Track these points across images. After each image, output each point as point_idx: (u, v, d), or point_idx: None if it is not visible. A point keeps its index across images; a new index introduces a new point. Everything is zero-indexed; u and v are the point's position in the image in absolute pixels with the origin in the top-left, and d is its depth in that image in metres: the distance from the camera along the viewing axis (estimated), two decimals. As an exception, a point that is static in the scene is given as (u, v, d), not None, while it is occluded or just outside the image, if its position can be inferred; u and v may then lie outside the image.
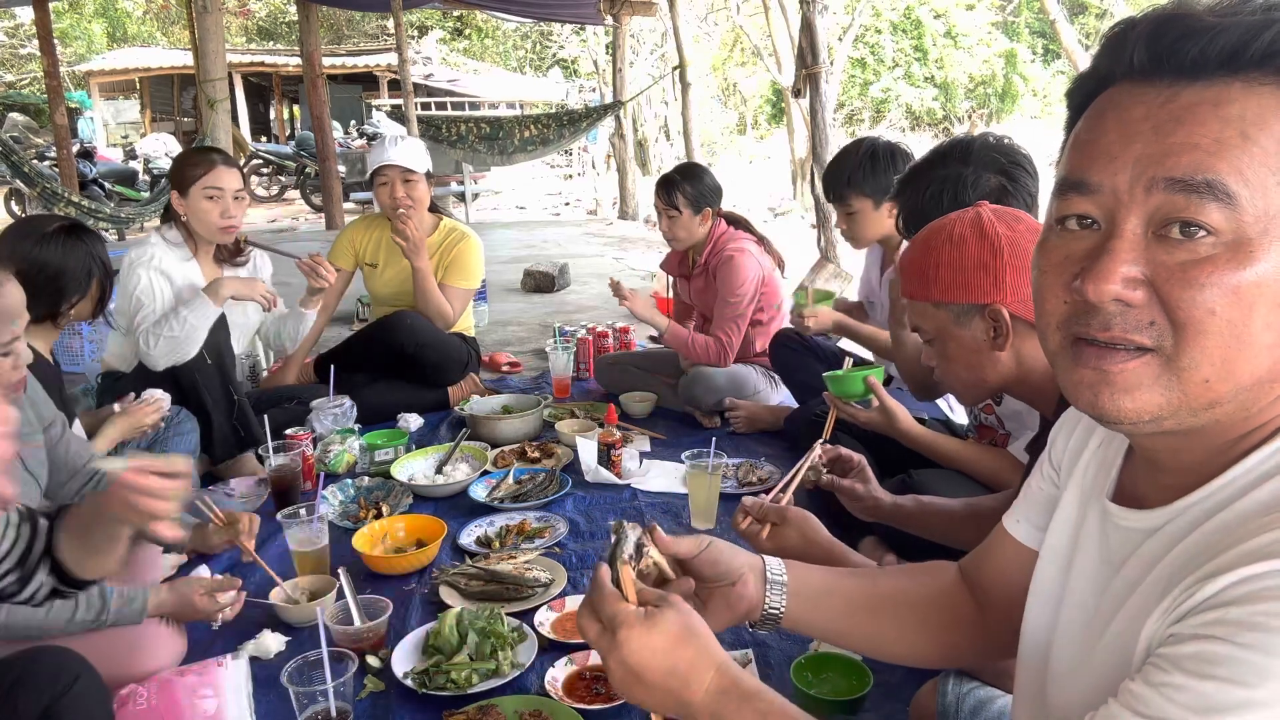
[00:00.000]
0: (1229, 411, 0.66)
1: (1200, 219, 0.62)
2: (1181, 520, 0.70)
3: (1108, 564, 0.78)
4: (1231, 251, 0.62)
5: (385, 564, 2.15)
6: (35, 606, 1.53)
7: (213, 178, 2.77)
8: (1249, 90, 0.62)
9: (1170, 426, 0.68)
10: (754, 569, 1.04)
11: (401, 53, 8.05)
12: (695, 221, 3.23)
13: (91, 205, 7.70)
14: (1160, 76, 0.65)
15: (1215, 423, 0.67)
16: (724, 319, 3.19)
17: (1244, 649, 0.56)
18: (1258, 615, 0.57)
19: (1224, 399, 0.65)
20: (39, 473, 1.75)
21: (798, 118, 9.43)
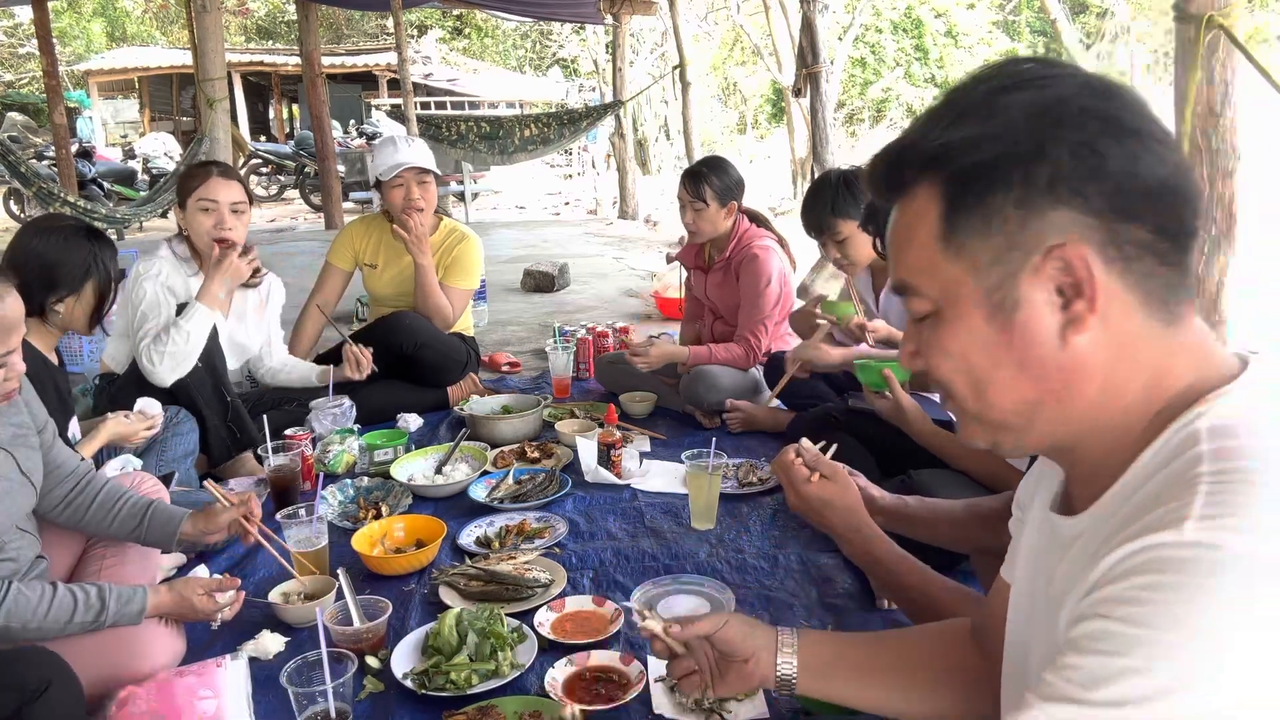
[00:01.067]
0: (1055, 428, 0.78)
1: (913, 310, 0.81)
2: (1095, 523, 0.77)
3: (1055, 573, 0.82)
4: (933, 323, 0.79)
5: (385, 564, 2.15)
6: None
7: (207, 189, 2.76)
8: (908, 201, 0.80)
9: (1015, 447, 0.81)
10: (766, 647, 1.13)
11: (401, 52, 8.04)
12: (721, 215, 3.22)
13: (89, 205, 7.70)
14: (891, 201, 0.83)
15: (1071, 437, 0.78)
16: (751, 320, 3.19)
17: (1119, 622, 0.64)
18: (1130, 589, 0.64)
19: (1009, 423, 0.79)
20: (34, 475, 1.75)
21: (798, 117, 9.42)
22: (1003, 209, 0.73)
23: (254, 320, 3.06)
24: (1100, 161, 0.71)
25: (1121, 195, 0.71)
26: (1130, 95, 0.74)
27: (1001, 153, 0.73)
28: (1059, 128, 0.71)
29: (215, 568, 2.22)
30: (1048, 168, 0.71)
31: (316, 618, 1.58)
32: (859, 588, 2.06)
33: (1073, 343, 0.73)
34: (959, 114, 0.75)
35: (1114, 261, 0.72)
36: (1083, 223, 0.71)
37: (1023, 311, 0.74)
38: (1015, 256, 0.73)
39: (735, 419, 3.10)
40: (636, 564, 2.19)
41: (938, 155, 0.76)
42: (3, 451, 1.67)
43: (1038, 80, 0.74)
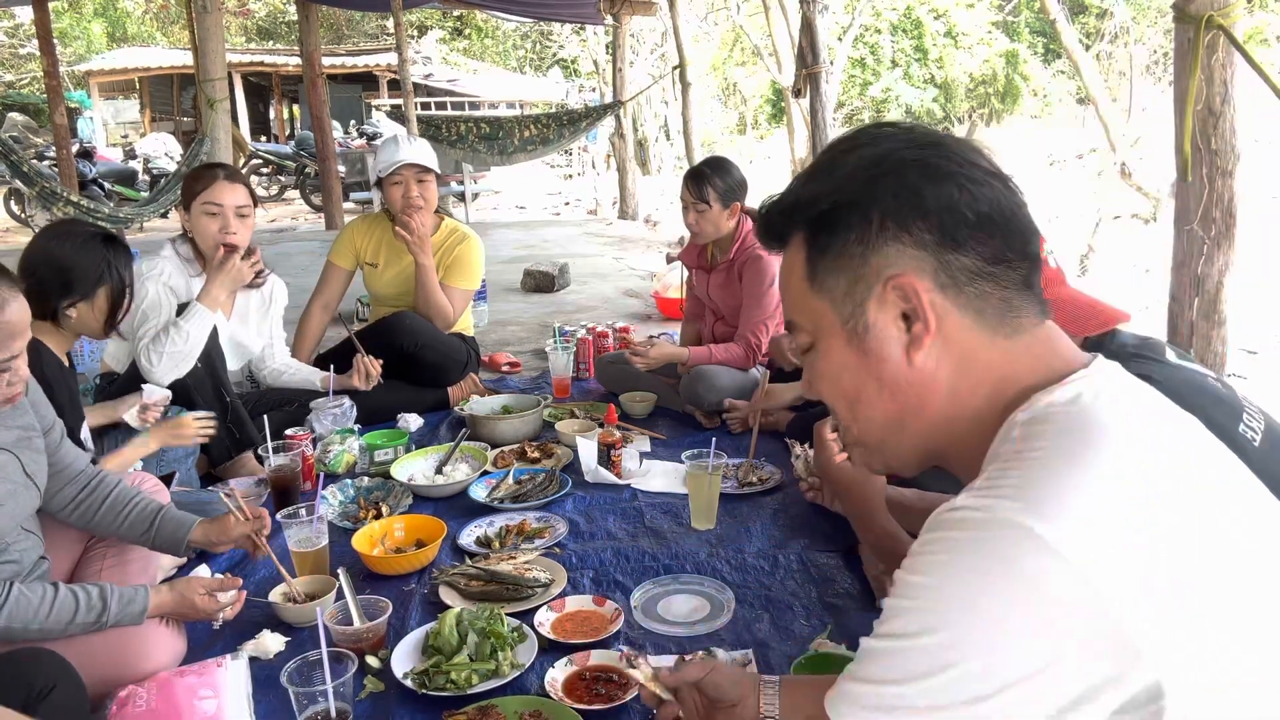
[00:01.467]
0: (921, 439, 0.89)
1: (798, 344, 0.94)
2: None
3: None
4: (813, 354, 0.93)
5: (385, 564, 2.15)
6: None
7: (212, 193, 2.76)
8: (786, 250, 0.93)
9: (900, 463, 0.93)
10: (751, 692, 1.18)
11: (401, 52, 8.04)
12: (724, 216, 3.22)
13: (90, 205, 7.68)
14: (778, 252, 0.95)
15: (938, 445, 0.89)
16: (752, 320, 3.19)
17: (903, 571, 0.78)
18: (914, 547, 0.78)
19: (884, 438, 0.91)
20: (38, 477, 1.75)
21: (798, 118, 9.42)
22: (848, 248, 0.85)
23: (256, 321, 3.07)
24: (919, 201, 0.82)
25: (944, 229, 0.82)
26: (954, 145, 0.86)
27: (842, 201, 0.86)
28: (884, 176, 0.84)
29: (216, 567, 2.22)
30: (877, 210, 0.84)
31: (317, 618, 1.58)
32: (859, 588, 2.06)
33: (916, 360, 0.85)
34: (814, 173, 0.90)
35: (947, 287, 0.83)
36: (913, 254, 0.83)
37: (873, 335, 0.86)
38: (862, 288, 0.85)
39: (735, 419, 3.10)
40: (636, 564, 2.20)
41: (796, 208, 0.90)
42: (7, 453, 1.67)
43: (872, 140, 0.88)
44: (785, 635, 1.87)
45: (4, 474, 1.65)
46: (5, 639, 1.53)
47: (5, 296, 1.51)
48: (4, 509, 1.64)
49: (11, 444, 1.69)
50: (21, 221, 10.22)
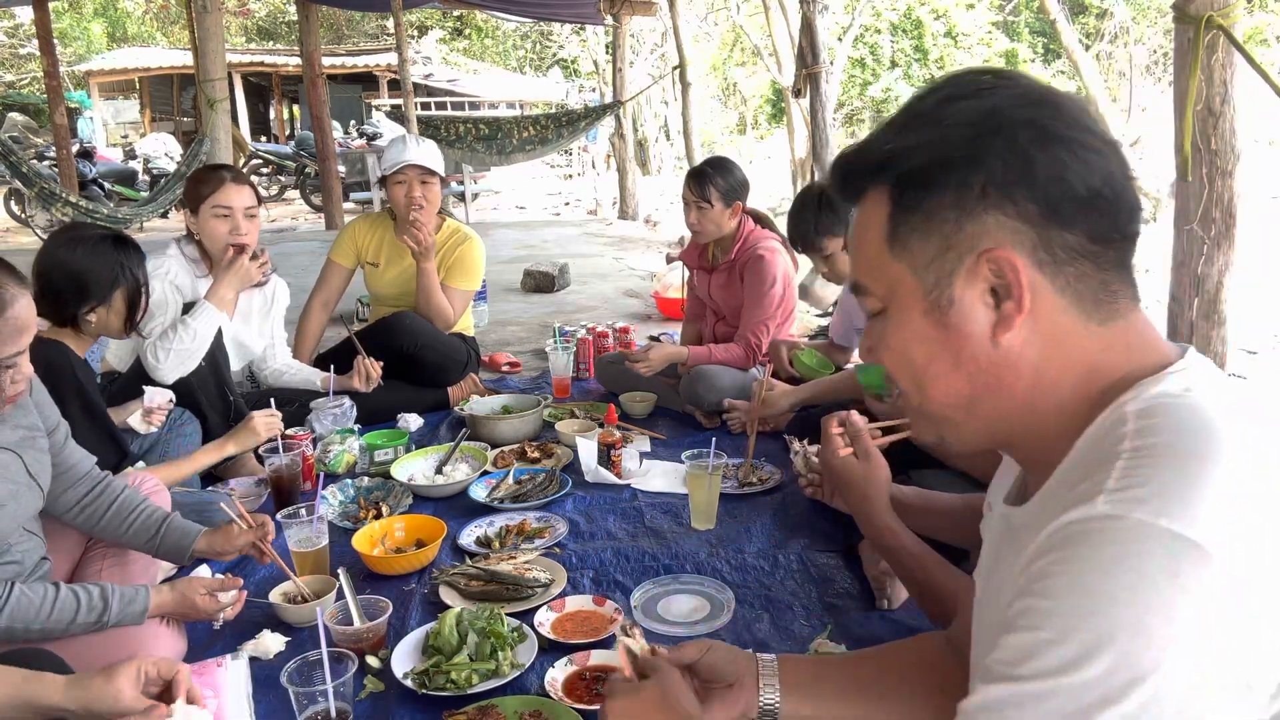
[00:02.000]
0: (992, 421, 0.82)
1: (866, 307, 0.87)
2: (1038, 511, 0.80)
3: (1008, 562, 0.84)
4: (881, 320, 0.85)
5: (385, 564, 2.15)
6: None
7: (221, 196, 2.78)
8: (862, 205, 0.85)
9: (958, 440, 0.85)
10: (749, 671, 1.13)
11: (401, 53, 8.04)
12: (725, 215, 3.22)
13: (90, 205, 7.70)
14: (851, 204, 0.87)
15: (1009, 430, 0.83)
16: (753, 320, 3.19)
17: (1037, 597, 0.68)
18: (1047, 564, 0.68)
19: (949, 415, 0.84)
20: (41, 477, 1.75)
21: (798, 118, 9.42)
22: (941, 212, 0.77)
23: (258, 321, 3.07)
24: (1029, 168, 0.75)
25: (1050, 202, 0.75)
26: (1068, 105, 0.78)
27: (940, 159, 0.77)
28: (992, 136, 0.76)
29: (215, 567, 2.22)
30: (981, 174, 0.76)
31: (317, 618, 1.58)
32: (859, 588, 2.06)
33: (1003, 340, 0.77)
34: (907, 123, 0.81)
35: (1045, 265, 0.76)
36: (1013, 227, 0.75)
37: (957, 310, 0.79)
38: (951, 258, 0.78)
39: (735, 419, 3.10)
40: (636, 564, 2.20)
41: (885, 161, 0.81)
42: (10, 453, 1.67)
43: (980, 91, 0.78)
44: (785, 635, 1.87)
45: (6, 474, 1.65)
46: (6, 639, 1.53)
47: (13, 294, 1.50)
48: (6, 509, 1.64)
49: (14, 444, 1.69)
50: (21, 222, 10.22)
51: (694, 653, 1.15)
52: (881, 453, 2.16)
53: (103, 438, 2.19)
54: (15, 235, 10.37)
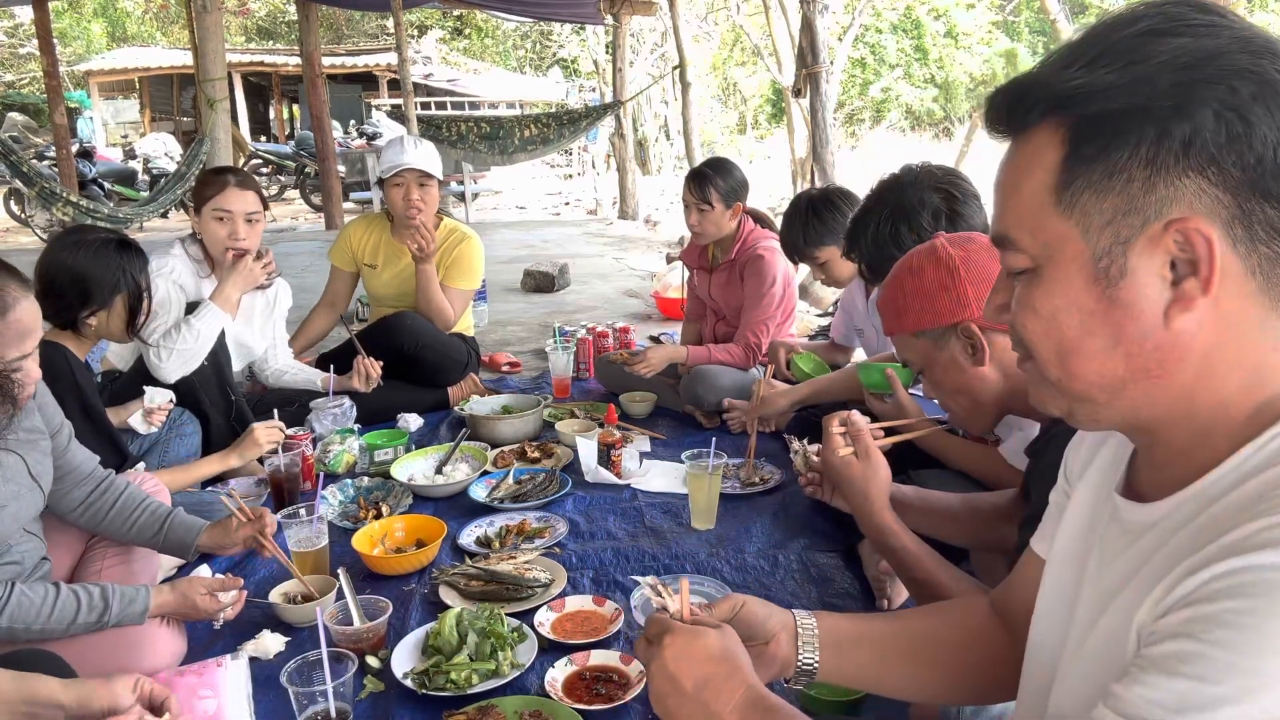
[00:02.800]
0: (1139, 408, 0.73)
1: (1009, 264, 0.76)
2: (1176, 515, 0.72)
3: (1111, 556, 0.79)
4: (1028, 280, 0.75)
5: (385, 564, 2.15)
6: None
7: (222, 199, 2.78)
8: (1024, 142, 0.74)
9: (1090, 420, 0.76)
10: (786, 627, 1.07)
11: (401, 52, 8.04)
12: (725, 216, 3.23)
13: (90, 205, 7.69)
14: (1005, 137, 0.77)
15: (1155, 420, 0.73)
16: (753, 320, 3.20)
17: (1212, 646, 0.59)
18: (1227, 612, 0.59)
19: (1091, 396, 0.74)
20: (43, 479, 1.76)
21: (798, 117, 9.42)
22: (1128, 167, 0.67)
23: (260, 322, 3.07)
24: (1248, 130, 0.64)
25: (1263, 171, 0.64)
26: None
27: (1138, 104, 0.66)
28: (1207, 86, 0.64)
29: (216, 567, 2.22)
30: (1186, 129, 0.64)
31: (317, 618, 1.58)
32: (859, 588, 2.06)
33: (1176, 322, 0.68)
34: (1098, 54, 0.68)
35: (1240, 242, 0.66)
36: (1214, 195, 0.65)
37: (1129, 281, 0.68)
38: (1132, 222, 0.67)
39: (735, 419, 3.10)
40: (636, 564, 2.20)
41: (1067, 97, 0.69)
42: (13, 455, 1.67)
43: (1194, 28, 0.66)
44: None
45: (9, 475, 1.65)
46: (7, 639, 1.53)
47: (15, 296, 1.50)
48: (7, 510, 1.64)
49: (17, 445, 1.69)
50: (21, 222, 10.22)
51: (726, 610, 1.07)
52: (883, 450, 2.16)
53: (102, 440, 2.20)
54: (15, 235, 10.37)
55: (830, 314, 4.21)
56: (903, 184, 2.02)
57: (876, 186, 2.11)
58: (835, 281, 2.94)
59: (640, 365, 3.24)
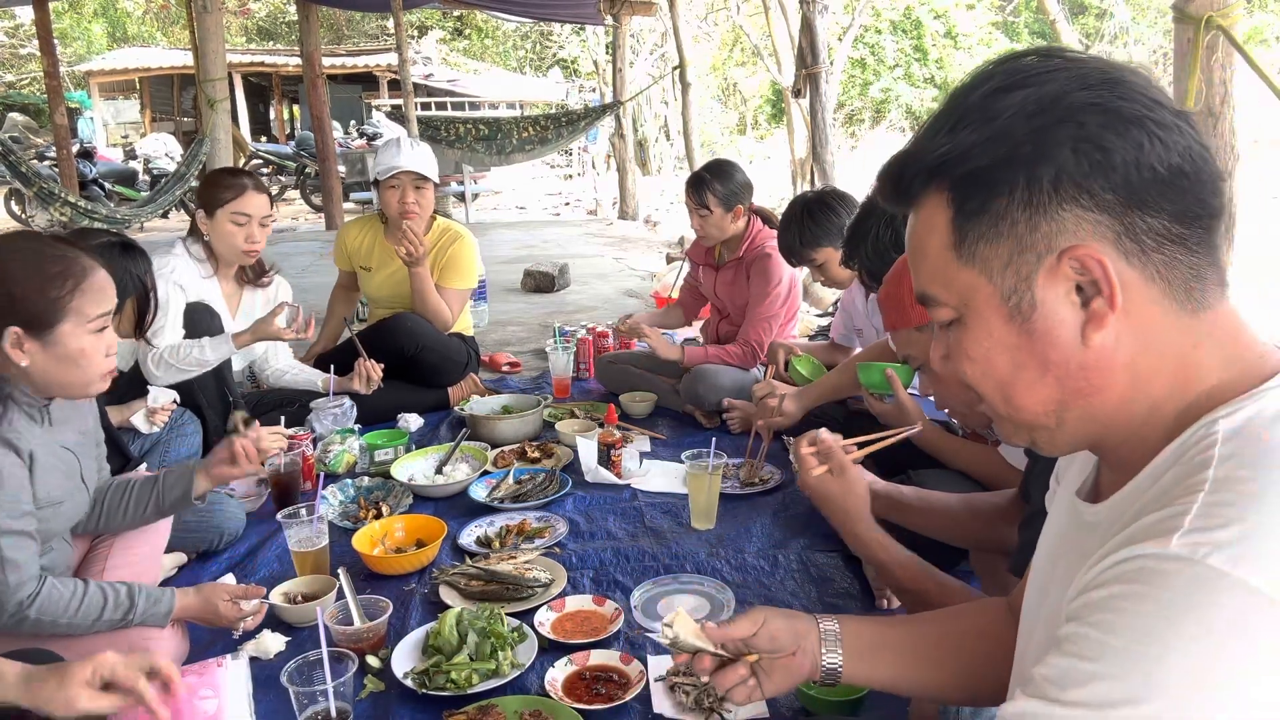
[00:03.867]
0: (1085, 425, 0.77)
1: (937, 317, 0.81)
2: (1113, 514, 0.77)
3: (1073, 556, 0.81)
4: (956, 329, 0.80)
5: (385, 564, 2.15)
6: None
7: (242, 203, 2.79)
8: (918, 210, 0.80)
9: (1050, 446, 0.80)
10: (809, 634, 1.10)
11: (401, 53, 8.05)
12: (726, 219, 3.25)
13: (90, 205, 7.70)
14: (904, 210, 0.83)
15: (1102, 431, 0.78)
16: (757, 319, 3.21)
17: (1093, 627, 0.65)
18: (1110, 597, 0.65)
19: (1040, 423, 0.78)
20: (90, 483, 1.77)
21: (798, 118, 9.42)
22: (1009, 213, 0.72)
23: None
24: (1105, 156, 0.69)
25: (1130, 187, 0.69)
26: (1132, 80, 0.72)
27: (1002, 156, 0.72)
28: (1058, 126, 0.70)
29: (216, 567, 2.23)
30: (1050, 168, 0.70)
31: (317, 617, 1.58)
32: (859, 588, 2.06)
33: (1094, 341, 0.72)
34: (957, 119, 0.74)
35: (1132, 254, 0.70)
36: (1093, 219, 0.70)
37: (1041, 313, 0.73)
38: (1029, 259, 0.72)
39: (735, 419, 3.10)
40: (636, 564, 2.20)
41: (940, 163, 0.75)
42: (71, 454, 1.69)
43: (1034, 77, 0.72)
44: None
45: (69, 473, 1.67)
46: (32, 632, 1.55)
47: (90, 263, 1.60)
48: (62, 508, 1.65)
49: (74, 445, 1.71)
50: (22, 222, 10.22)
51: (748, 628, 1.09)
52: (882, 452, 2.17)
53: (105, 444, 2.20)
54: (15, 235, 10.36)
55: (830, 314, 4.22)
56: None
57: (873, 192, 2.11)
58: (834, 282, 2.95)
59: (638, 332, 3.29)
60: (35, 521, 1.55)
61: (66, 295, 1.53)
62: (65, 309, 1.53)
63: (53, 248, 1.57)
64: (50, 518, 1.62)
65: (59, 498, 1.64)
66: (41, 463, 1.58)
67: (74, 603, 1.57)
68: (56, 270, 1.54)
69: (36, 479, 1.56)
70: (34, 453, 1.56)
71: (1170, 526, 0.64)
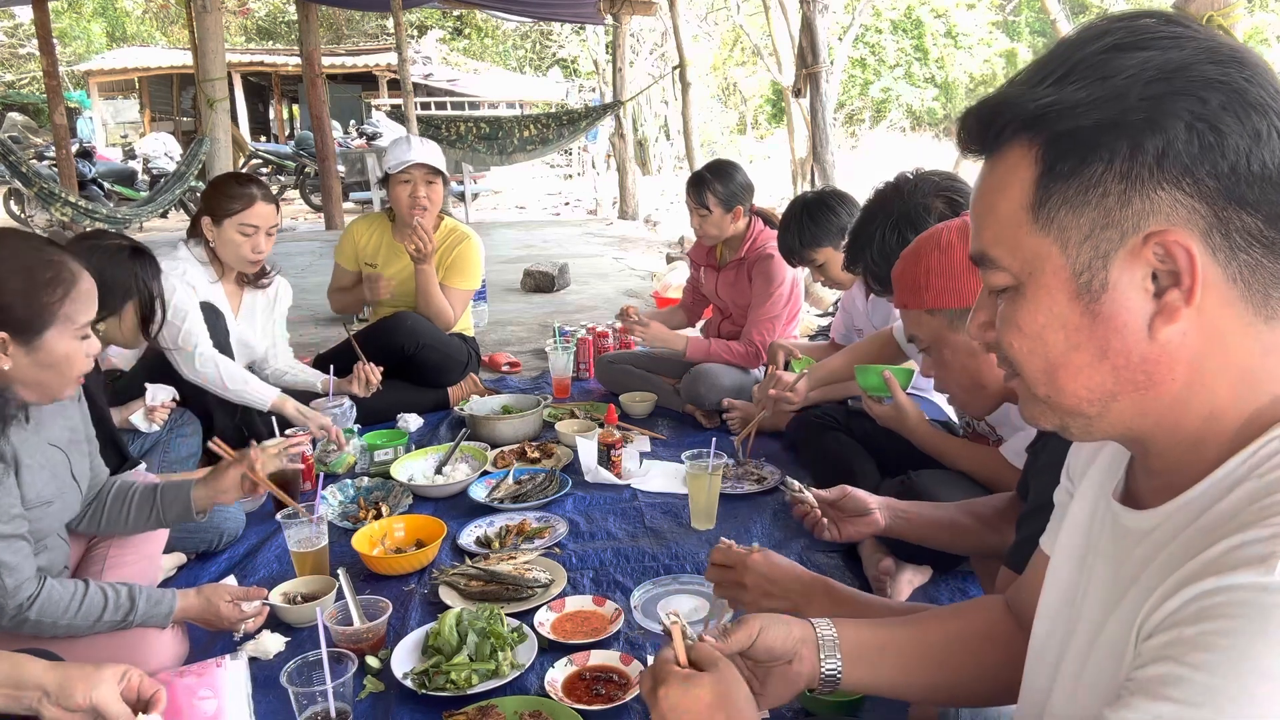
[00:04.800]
0: (1131, 419, 0.73)
1: (991, 282, 0.77)
2: (1168, 525, 0.72)
3: (1112, 562, 0.79)
4: (1011, 298, 0.75)
5: (385, 564, 2.15)
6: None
7: (250, 215, 2.77)
8: (998, 161, 0.74)
9: (1084, 433, 0.76)
10: (807, 641, 1.07)
11: (401, 52, 8.04)
12: (726, 220, 3.26)
13: (89, 205, 7.69)
14: (979, 157, 0.78)
15: (1148, 430, 0.73)
16: (760, 319, 3.21)
17: (1192, 669, 0.59)
18: (1205, 634, 0.60)
19: (1081, 410, 0.74)
20: (82, 481, 1.77)
21: (798, 117, 9.42)
22: (1103, 182, 0.67)
23: (262, 321, 3.07)
24: (1219, 139, 0.64)
25: (1236, 178, 0.65)
26: (1260, 65, 0.67)
27: (1109, 119, 0.66)
28: (1176, 98, 0.65)
29: (216, 567, 2.23)
30: (1159, 141, 0.65)
31: (317, 618, 1.58)
32: (859, 588, 2.06)
33: (1161, 334, 0.68)
34: (1067, 71, 0.69)
35: (1219, 250, 0.66)
36: (1189, 205, 0.66)
37: (1111, 295, 0.69)
38: (1111, 236, 0.68)
39: (735, 419, 3.10)
40: (636, 564, 2.20)
41: (1038, 115, 0.70)
42: (60, 452, 1.69)
43: (1158, 40, 0.67)
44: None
45: (57, 472, 1.67)
46: (33, 633, 1.54)
47: (78, 268, 1.59)
48: (53, 507, 1.65)
49: (63, 443, 1.70)
50: (21, 221, 10.22)
51: (745, 639, 1.06)
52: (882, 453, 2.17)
53: (105, 442, 2.19)
54: (15, 235, 10.36)
55: (831, 314, 4.22)
56: (903, 191, 2.01)
57: (874, 197, 2.09)
58: (834, 283, 2.94)
59: (639, 331, 3.27)
60: (26, 524, 1.55)
61: (56, 302, 1.52)
62: (55, 315, 1.52)
63: (43, 251, 1.55)
64: (41, 517, 1.62)
65: (49, 497, 1.63)
66: (27, 463, 1.57)
67: (74, 604, 1.56)
68: (48, 276, 1.52)
69: (23, 480, 1.55)
70: (17, 454, 1.55)
71: (1265, 553, 0.59)
